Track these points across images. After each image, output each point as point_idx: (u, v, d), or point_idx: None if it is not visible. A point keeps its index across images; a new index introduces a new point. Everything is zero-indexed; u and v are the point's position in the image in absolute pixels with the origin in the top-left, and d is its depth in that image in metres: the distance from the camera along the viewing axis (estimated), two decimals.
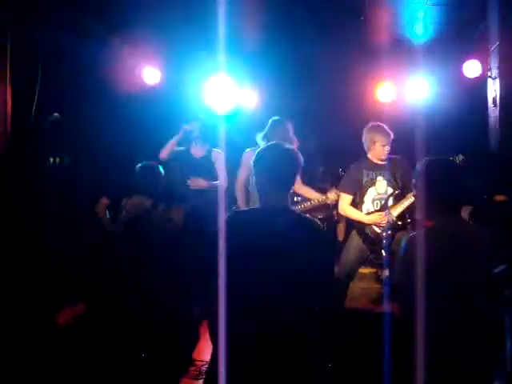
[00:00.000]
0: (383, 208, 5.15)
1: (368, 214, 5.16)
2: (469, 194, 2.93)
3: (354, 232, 5.34)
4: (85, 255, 5.91)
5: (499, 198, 5.59)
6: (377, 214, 5.11)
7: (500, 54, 6.58)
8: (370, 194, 5.19)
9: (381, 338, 3.09)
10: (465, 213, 5.35)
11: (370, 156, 5.23)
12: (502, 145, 6.50)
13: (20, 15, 4.57)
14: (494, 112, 6.76)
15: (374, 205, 5.19)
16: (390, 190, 5.16)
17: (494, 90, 6.74)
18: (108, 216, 5.48)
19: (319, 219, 5.98)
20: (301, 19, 6.31)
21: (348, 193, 5.22)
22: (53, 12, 4.80)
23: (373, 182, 5.17)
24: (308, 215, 2.74)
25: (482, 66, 6.86)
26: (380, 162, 5.16)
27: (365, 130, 5.25)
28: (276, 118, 5.49)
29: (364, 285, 6.69)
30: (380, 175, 5.17)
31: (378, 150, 5.12)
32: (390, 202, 5.15)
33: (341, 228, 8.19)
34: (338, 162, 8.10)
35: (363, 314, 4.76)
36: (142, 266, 4.62)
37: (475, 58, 6.89)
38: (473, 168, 5.49)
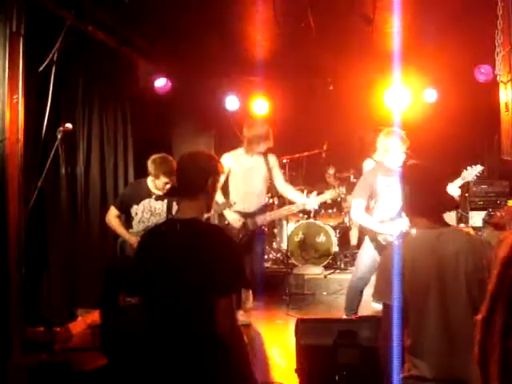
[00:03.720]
0: (396, 216, 5.07)
1: (381, 222, 5.06)
2: (448, 201, 2.83)
3: (366, 238, 5.30)
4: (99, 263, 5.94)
5: None
6: (390, 223, 5.00)
7: None
8: (384, 201, 5.10)
9: None
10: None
11: (385, 162, 5.19)
12: None
13: (33, 27, 4.60)
14: (506, 117, 6.71)
15: (387, 212, 5.12)
16: None
17: (505, 94, 6.69)
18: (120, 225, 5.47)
19: (331, 226, 5.99)
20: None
21: (362, 198, 5.14)
22: (64, 24, 4.83)
23: (387, 189, 5.08)
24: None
25: (494, 70, 6.82)
26: (396, 169, 5.07)
27: (380, 136, 5.21)
28: None
29: None
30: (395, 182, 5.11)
31: (393, 157, 5.08)
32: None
33: (353, 232, 8.18)
34: (347, 165, 8.14)
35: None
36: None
37: (486, 63, 6.85)
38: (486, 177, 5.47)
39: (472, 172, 5.36)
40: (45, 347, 4.45)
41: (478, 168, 5.24)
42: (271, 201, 7.12)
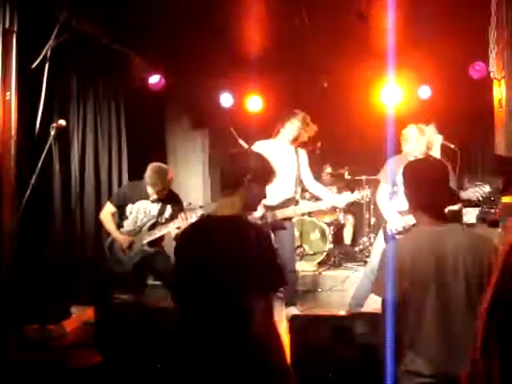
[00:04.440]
0: None
1: (400, 213, 4.93)
2: (453, 196, 2.79)
3: (381, 228, 5.30)
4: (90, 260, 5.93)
5: (507, 199, 5.56)
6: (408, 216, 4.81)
7: (507, 55, 6.55)
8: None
9: None
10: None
11: (406, 152, 5.27)
12: (509, 147, 6.46)
13: (25, 23, 4.58)
14: (500, 113, 6.73)
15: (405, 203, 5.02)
16: None
17: (499, 91, 6.71)
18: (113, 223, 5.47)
19: (325, 223, 6.00)
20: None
21: (387, 183, 5.21)
22: (58, 19, 4.81)
23: None
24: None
25: (488, 67, 6.83)
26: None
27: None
28: None
29: None
30: None
31: (411, 146, 5.24)
32: None
33: (348, 231, 8.19)
34: (341, 162, 8.16)
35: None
36: None
37: (481, 59, 6.85)
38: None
39: (478, 192, 5.09)
40: (39, 345, 4.44)
41: (486, 189, 5.07)
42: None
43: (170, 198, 5.45)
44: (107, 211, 5.45)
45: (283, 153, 5.60)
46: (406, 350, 2.46)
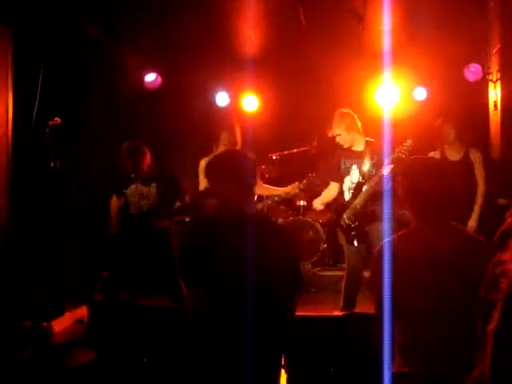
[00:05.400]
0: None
1: None
2: (455, 195, 2.78)
3: None
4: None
5: (501, 201, 5.58)
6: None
7: (502, 57, 6.57)
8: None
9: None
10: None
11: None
12: (503, 149, 6.49)
13: (22, 21, 4.57)
14: (495, 116, 6.75)
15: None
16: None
17: (494, 93, 6.73)
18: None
19: (320, 223, 5.98)
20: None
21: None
22: (54, 17, 4.80)
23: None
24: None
25: (483, 69, 6.85)
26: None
27: None
28: None
29: None
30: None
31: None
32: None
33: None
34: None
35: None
36: None
37: (476, 62, 6.88)
38: None
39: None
40: (32, 342, 4.42)
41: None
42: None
43: (160, 177, 5.44)
44: (113, 201, 5.52)
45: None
46: (398, 349, 2.46)
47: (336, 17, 6.32)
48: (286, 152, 7.36)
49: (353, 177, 5.08)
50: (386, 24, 6.43)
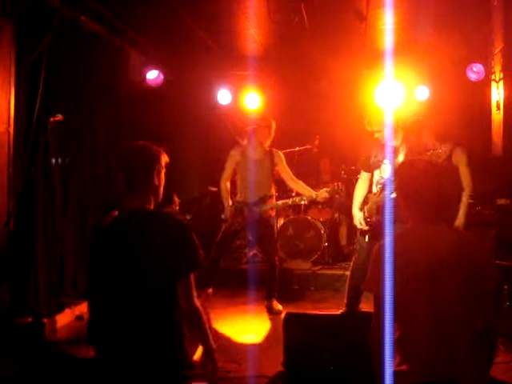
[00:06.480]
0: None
1: None
2: (447, 197, 2.77)
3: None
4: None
5: (502, 201, 5.58)
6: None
7: (504, 57, 6.57)
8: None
9: None
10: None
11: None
12: (506, 148, 6.49)
13: (23, 17, 4.57)
14: (497, 115, 6.75)
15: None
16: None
17: (497, 93, 6.73)
18: None
19: (321, 222, 5.95)
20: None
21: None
22: (56, 13, 4.80)
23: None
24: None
25: (486, 69, 6.85)
26: None
27: None
28: None
29: None
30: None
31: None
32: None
33: (343, 231, 8.19)
34: (338, 160, 8.17)
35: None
36: None
37: (479, 61, 6.87)
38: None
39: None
40: (32, 338, 4.43)
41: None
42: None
43: None
44: None
45: (258, 154, 5.91)
46: (397, 347, 2.46)
47: (339, 15, 6.31)
48: (287, 150, 7.36)
49: (383, 171, 4.93)
50: (388, 23, 6.42)
